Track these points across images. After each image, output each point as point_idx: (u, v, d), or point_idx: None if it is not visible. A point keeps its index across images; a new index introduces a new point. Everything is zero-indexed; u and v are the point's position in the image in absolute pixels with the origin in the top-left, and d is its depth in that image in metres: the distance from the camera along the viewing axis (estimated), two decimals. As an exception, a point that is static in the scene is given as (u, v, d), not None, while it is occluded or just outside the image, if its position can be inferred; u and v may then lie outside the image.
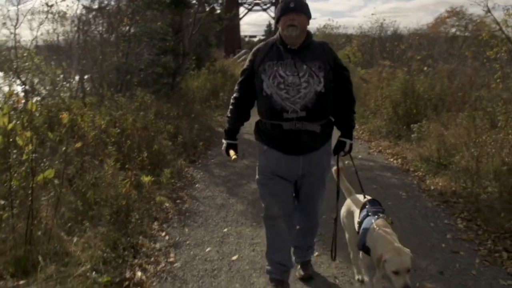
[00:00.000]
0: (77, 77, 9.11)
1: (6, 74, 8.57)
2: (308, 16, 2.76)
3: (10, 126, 3.11)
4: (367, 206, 2.96)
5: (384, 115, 8.91)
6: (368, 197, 3.13)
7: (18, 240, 3.36)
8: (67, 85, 8.75)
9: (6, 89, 7.76)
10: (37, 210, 3.47)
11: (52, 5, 9.17)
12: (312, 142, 2.80)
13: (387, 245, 2.56)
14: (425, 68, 10.15)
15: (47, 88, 8.78)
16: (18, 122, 3.44)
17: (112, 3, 11.48)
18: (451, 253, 3.82)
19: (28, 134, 3.11)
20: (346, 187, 3.37)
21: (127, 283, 3.32)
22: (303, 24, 2.71)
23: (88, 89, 9.13)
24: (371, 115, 9.59)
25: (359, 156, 7.20)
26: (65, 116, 3.50)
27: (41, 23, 8.83)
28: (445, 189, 5.37)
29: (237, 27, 46.65)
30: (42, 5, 9.05)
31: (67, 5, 10.27)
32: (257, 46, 2.95)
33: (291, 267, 3.17)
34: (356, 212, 3.07)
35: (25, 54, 8.74)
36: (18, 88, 8.42)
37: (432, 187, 5.50)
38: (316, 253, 3.75)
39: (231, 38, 42.63)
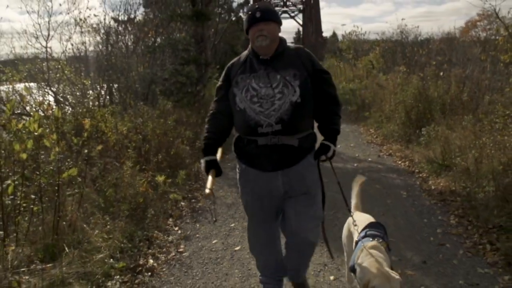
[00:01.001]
0: (104, 87, 9.69)
1: (39, 85, 9.20)
2: (278, 23, 2.65)
3: (40, 130, 3.60)
4: (367, 228, 2.80)
5: (397, 120, 9.18)
6: (372, 219, 3.01)
7: (46, 230, 3.85)
8: (95, 94, 9.34)
9: (39, 99, 8.37)
10: (63, 204, 3.96)
11: (85, 19, 9.84)
12: (289, 156, 2.62)
13: (375, 269, 2.39)
14: (441, 73, 10.36)
15: (77, 97, 9.40)
16: (46, 127, 3.92)
17: (139, 16, 12.15)
18: (437, 245, 4.13)
19: (54, 137, 3.60)
20: (355, 203, 3.30)
21: (140, 268, 3.78)
22: (273, 32, 2.59)
23: (115, 98, 9.71)
24: (386, 120, 9.85)
25: (369, 159, 7.51)
26: (86, 122, 4.00)
27: (70, 37, 9.48)
28: (445, 189, 5.65)
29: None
30: (74, 19, 9.71)
31: (98, 19, 10.77)
32: (231, 61, 2.82)
33: (284, 275, 3.10)
34: (356, 232, 2.85)
35: (57, 66, 9.39)
36: (50, 98, 9.05)
37: (433, 187, 5.79)
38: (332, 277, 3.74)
39: (259, 46, 42.94)
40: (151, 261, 3.91)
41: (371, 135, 9.56)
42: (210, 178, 2.62)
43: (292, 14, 55.64)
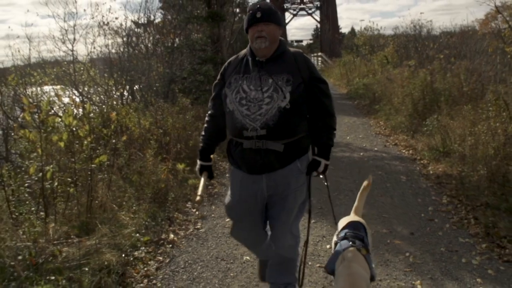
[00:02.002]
0: (127, 87, 10.30)
1: (66, 87, 9.83)
2: (279, 25, 2.61)
3: (75, 123, 4.19)
4: (348, 228, 2.83)
5: (404, 112, 9.61)
6: (357, 219, 3.02)
7: (81, 210, 4.44)
8: (118, 93, 9.96)
9: (66, 100, 9.01)
10: (95, 188, 4.54)
11: (108, 23, 10.49)
12: (274, 161, 2.59)
13: (345, 286, 2.41)
14: (449, 66, 10.73)
15: (101, 97, 10.04)
16: (79, 121, 4.50)
17: (158, 19, 12.79)
18: (426, 220, 4.60)
19: (87, 127, 4.19)
20: (355, 206, 3.29)
21: (162, 241, 4.34)
22: (273, 34, 2.55)
23: (137, 97, 10.32)
24: (394, 112, 10.27)
25: (375, 149, 7.97)
26: (113, 115, 4.58)
27: (94, 40, 10.14)
28: (442, 173, 6.09)
29: (283, 33, 47.65)
30: (98, 23, 10.36)
31: (120, 23, 11.40)
32: (229, 59, 2.82)
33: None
34: (338, 230, 2.92)
35: (82, 68, 10.04)
36: (76, 99, 9.69)
37: (431, 172, 6.24)
38: (328, 246, 4.56)
39: (277, 44, 43.06)
40: (171, 235, 4.48)
41: (380, 127, 9.99)
42: (201, 183, 2.73)
43: (310, 12, 55.88)
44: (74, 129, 4.35)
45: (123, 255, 3.88)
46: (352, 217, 3.07)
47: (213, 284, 3.54)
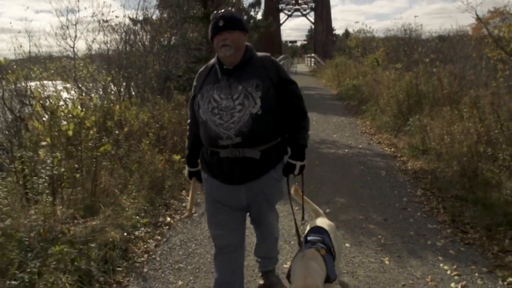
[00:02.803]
0: (124, 83, 10.69)
1: (66, 82, 10.18)
2: (243, 31, 2.59)
3: (82, 114, 4.61)
4: (309, 233, 2.90)
5: (389, 112, 10.09)
6: (321, 223, 3.05)
7: (86, 194, 4.86)
8: (115, 89, 10.35)
9: (65, 95, 9.36)
10: (99, 173, 4.96)
11: (107, 21, 10.89)
12: (251, 170, 2.61)
13: (299, 280, 2.45)
14: (434, 70, 11.23)
15: (99, 92, 10.43)
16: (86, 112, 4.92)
17: (154, 16, 13.16)
18: (400, 209, 5.07)
19: (94, 118, 4.61)
20: (313, 209, 3.34)
21: (160, 223, 4.78)
22: (237, 41, 2.54)
23: (133, 93, 10.72)
24: (380, 113, 10.75)
25: (359, 146, 8.44)
26: (116, 108, 5.00)
27: (94, 38, 10.55)
28: (419, 169, 6.57)
29: (277, 33, 47.99)
30: (98, 20, 10.74)
31: (118, 20, 11.76)
32: (200, 70, 2.81)
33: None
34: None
35: (81, 64, 10.42)
36: (74, 94, 10.05)
37: (410, 168, 6.72)
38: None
39: (271, 44, 43.04)
40: (168, 219, 4.92)
41: (366, 126, 10.46)
42: (189, 198, 2.91)
43: (304, 12, 56.35)
44: (80, 119, 4.78)
45: (125, 234, 4.30)
46: (317, 221, 3.11)
47: (206, 258, 3.99)
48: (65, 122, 4.72)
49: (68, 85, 9.48)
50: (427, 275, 3.55)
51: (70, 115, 4.88)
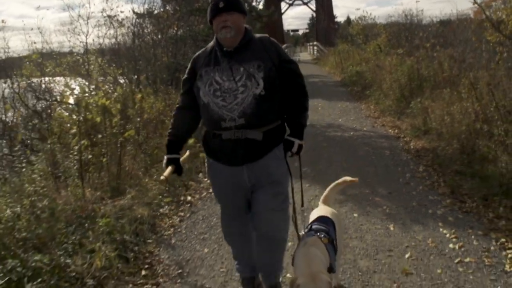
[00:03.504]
0: (135, 76, 11.06)
1: (77, 77, 10.51)
2: (243, 13, 2.60)
3: (107, 102, 5.01)
4: (315, 222, 2.83)
5: (391, 96, 10.45)
6: (325, 212, 2.97)
7: (111, 177, 5.27)
8: (126, 81, 10.72)
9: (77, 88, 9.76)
10: (123, 158, 5.37)
11: (114, 16, 11.25)
12: (253, 150, 2.60)
13: (304, 268, 2.41)
14: (435, 54, 11.55)
15: (110, 86, 10.81)
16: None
17: (157, 9, 13.49)
18: (403, 184, 5.45)
19: (119, 106, 5.01)
20: (325, 194, 3.27)
21: (181, 202, 5.19)
22: (237, 23, 2.54)
23: (144, 85, 11.10)
24: (383, 97, 11.10)
25: (364, 129, 8.81)
26: (138, 97, 5.39)
27: (105, 33, 10.91)
28: (421, 148, 6.94)
29: (279, 22, 48.13)
30: (107, 16, 11.10)
31: (125, 15, 12.11)
32: (197, 53, 2.79)
33: None
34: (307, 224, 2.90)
35: (91, 58, 10.79)
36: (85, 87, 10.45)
37: (412, 147, 7.09)
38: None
39: (273, 33, 43.13)
40: (189, 197, 5.33)
41: (370, 110, 10.82)
42: (169, 168, 2.70)
43: (305, 1, 56.36)
44: (105, 108, 5.18)
45: (151, 211, 4.71)
46: (321, 209, 3.05)
47: (227, 230, 4.40)
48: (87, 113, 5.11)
49: (80, 79, 9.86)
50: (428, 238, 3.94)
51: (95, 105, 5.28)
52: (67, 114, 5.40)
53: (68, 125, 5.38)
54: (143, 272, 3.65)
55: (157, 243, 4.20)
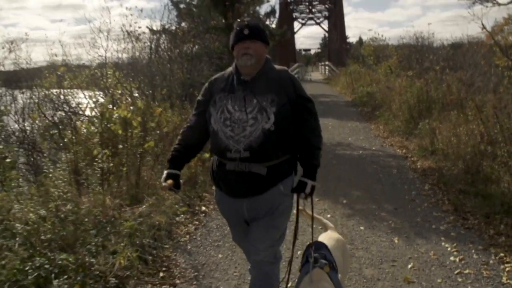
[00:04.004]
0: (150, 91, 11.41)
1: (96, 89, 10.87)
2: (266, 43, 2.59)
3: (129, 115, 5.31)
4: (310, 249, 2.70)
5: (401, 117, 10.70)
6: (331, 240, 2.96)
7: (130, 186, 5.54)
8: (141, 96, 11.06)
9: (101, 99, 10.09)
10: (142, 168, 5.65)
11: (131, 32, 11.65)
12: (255, 185, 2.54)
13: None
14: (444, 77, 11.82)
15: (127, 98, 11.16)
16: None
17: (173, 27, 13.92)
18: (409, 200, 5.68)
19: (139, 119, 5.30)
20: (322, 224, 3.33)
21: (196, 211, 5.45)
22: (259, 52, 2.53)
23: (159, 100, 11.44)
24: (393, 117, 11.35)
25: (373, 148, 9.06)
26: (157, 110, 5.69)
27: (124, 49, 11.30)
28: (428, 168, 7.16)
29: (291, 41, 48.66)
30: (127, 31, 11.50)
31: (142, 31, 12.49)
32: (215, 76, 2.76)
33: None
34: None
35: (109, 72, 11.17)
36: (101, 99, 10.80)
37: (419, 167, 7.31)
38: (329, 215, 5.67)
39: (286, 52, 43.32)
40: (203, 207, 5.59)
41: (379, 130, 11.07)
42: (170, 180, 2.62)
43: (318, 21, 57.03)
44: (127, 120, 5.48)
45: (168, 219, 4.97)
46: (327, 236, 3.06)
47: (240, 238, 4.65)
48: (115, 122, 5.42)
49: (98, 93, 10.20)
50: (430, 251, 4.16)
51: (117, 116, 5.58)
52: (88, 124, 5.69)
53: (89, 136, 5.66)
54: (161, 274, 3.90)
55: (173, 248, 4.45)
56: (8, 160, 6.17)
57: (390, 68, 19.65)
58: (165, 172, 2.70)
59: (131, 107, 5.98)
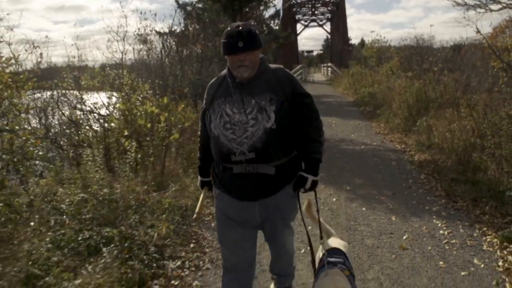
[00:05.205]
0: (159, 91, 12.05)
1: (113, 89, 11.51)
2: (260, 47, 2.49)
3: (156, 110, 5.97)
4: (326, 255, 2.70)
5: (400, 115, 11.35)
6: (334, 245, 2.90)
7: (156, 174, 6.21)
8: (157, 97, 11.72)
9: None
10: (167, 158, 6.32)
11: (142, 35, 12.31)
12: (265, 186, 2.54)
13: (329, 286, 2.41)
14: (442, 78, 12.47)
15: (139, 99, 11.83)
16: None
17: (179, 29, 14.54)
18: (406, 187, 6.33)
19: (166, 114, 5.96)
20: (325, 230, 3.16)
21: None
22: (255, 60, 2.48)
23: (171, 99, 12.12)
24: (393, 116, 12.00)
25: (374, 143, 9.72)
26: (181, 106, 6.36)
27: (139, 51, 11.97)
28: (424, 160, 7.81)
29: (294, 43, 49.29)
30: (139, 34, 12.16)
31: (154, 33, 13.12)
32: (211, 81, 2.73)
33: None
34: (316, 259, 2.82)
35: (125, 74, 11.82)
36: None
37: (416, 159, 7.97)
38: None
39: (289, 54, 43.70)
40: (222, 193, 6.24)
41: (380, 128, 11.72)
42: (199, 203, 2.85)
43: (321, 23, 57.71)
44: (153, 115, 6.15)
45: (193, 202, 5.63)
46: (331, 242, 3.01)
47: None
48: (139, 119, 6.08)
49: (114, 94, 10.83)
50: (423, 226, 4.82)
51: (143, 112, 6.25)
52: (117, 119, 6.36)
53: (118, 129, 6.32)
54: (192, 245, 4.57)
55: (199, 226, 5.11)
56: (40, 153, 6.87)
57: (391, 69, 20.24)
58: (199, 179, 2.96)
59: (157, 104, 6.65)
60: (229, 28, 2.46)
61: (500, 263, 3.92)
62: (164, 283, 3.79)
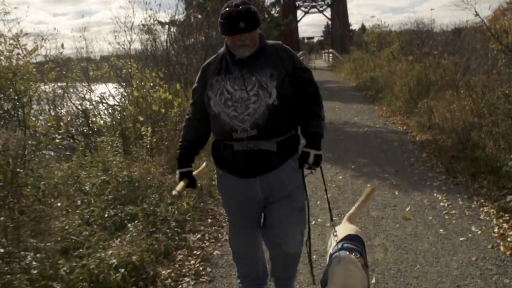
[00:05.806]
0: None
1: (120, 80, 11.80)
2: (260, 25, 2.46)
3: (170, 97, 6.29)
4: (345, 241, 2.63)
5: (402, 98, 11.66)
6: (353, 232, 2.79)
7: (171, 157, 6.54)
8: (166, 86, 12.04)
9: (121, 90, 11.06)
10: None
11: (147, 25, 12.58)
12: (267, 162, 2.51)
13: (338, 279, 2.30)
14: (443, 61, 12.73)
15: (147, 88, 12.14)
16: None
17: (180, 18, 14.74)
18: (408, 165, 6.66)
19: (180, 100, 6.29)
20: (351, 212, 3.11)
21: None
22: (255, 39, 2.46)
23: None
24: (394, 99, 12.30)
25: (377, 126, 10.04)
26: (190, 92, 6.68)
27: (148, 40, 12.25)
28: (425, 140, 8.14)
29: (295, 30, 49.28)
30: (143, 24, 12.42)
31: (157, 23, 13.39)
32: (208, 60, 2.70)
33: (264, 284, 2.96)
34: (334, 243, 2.69)
35: (129, 63, 12.10)
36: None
37: (418, 139, 8.29)
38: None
39: (289, 41, 43.80)
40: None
41: (383, 111, 12.03)
42: (181, 182, 2.63)
43: (321, 9, 57.55)
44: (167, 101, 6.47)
45: (207, 182, 5.97)
46: (348, 227, 2.90)
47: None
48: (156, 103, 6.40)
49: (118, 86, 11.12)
50: (424, 199, 5.17)
51: (157, 98, 6.58)
52: (133, 106, 6.69)
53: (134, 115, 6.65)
54: (209, 220, 4.93)
55: (215, 204, 5.45)
56: (57, 140, 7.22)
57: (392, 53, 20.44)
58: (177, 172, 2.71)
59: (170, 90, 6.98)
60: (227, 8, 2.39)
61: (496, 230, 4.26)
62: (187, 253, 4.15)
